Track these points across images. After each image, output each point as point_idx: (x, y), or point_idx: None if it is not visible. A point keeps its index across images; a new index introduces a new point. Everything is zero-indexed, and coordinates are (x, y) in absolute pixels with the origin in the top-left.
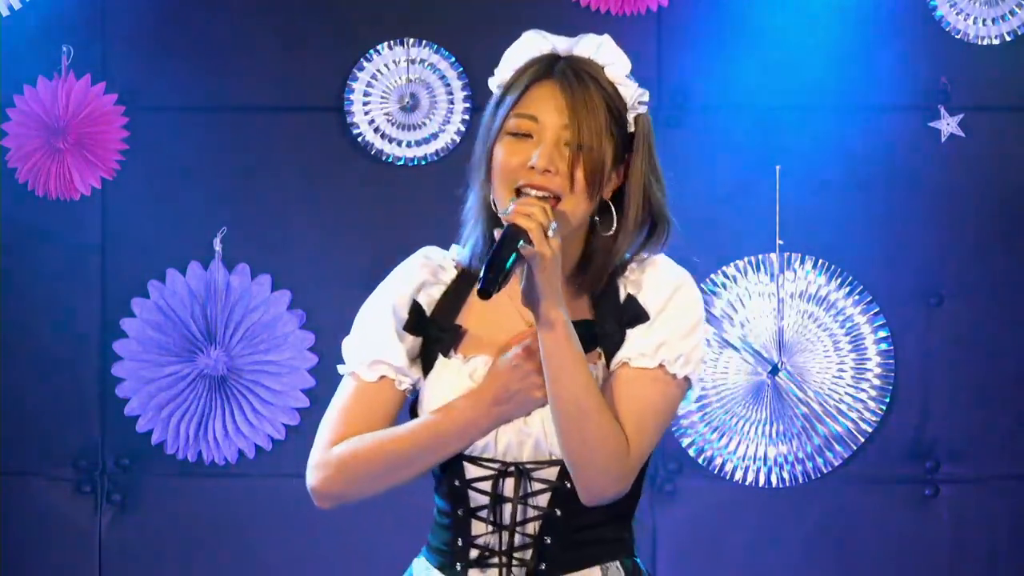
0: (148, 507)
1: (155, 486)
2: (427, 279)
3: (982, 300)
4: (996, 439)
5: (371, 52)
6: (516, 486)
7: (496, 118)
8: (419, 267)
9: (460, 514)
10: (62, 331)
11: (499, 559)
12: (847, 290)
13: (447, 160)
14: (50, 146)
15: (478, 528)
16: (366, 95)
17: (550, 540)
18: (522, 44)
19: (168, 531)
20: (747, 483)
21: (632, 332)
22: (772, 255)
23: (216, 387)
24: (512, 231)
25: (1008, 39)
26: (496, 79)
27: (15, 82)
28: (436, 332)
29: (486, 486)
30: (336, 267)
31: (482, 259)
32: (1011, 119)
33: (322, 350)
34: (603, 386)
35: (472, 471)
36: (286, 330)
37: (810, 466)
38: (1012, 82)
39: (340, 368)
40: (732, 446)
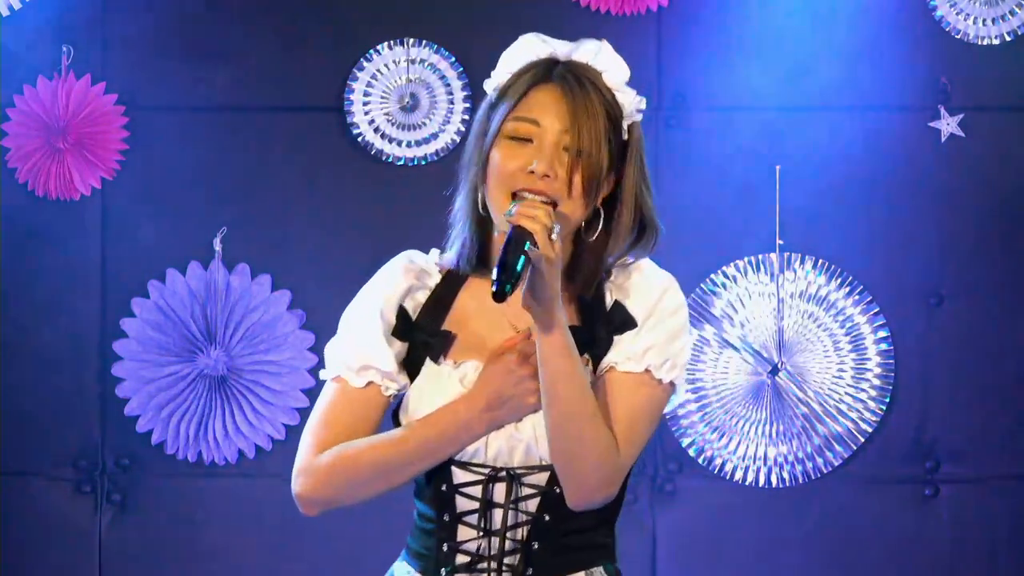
0: (148, 507)
1: (155, 486)
2: (412, 283)
3: (982, 300)
4: (996, 439)
5: (371, 52)
6: (507, 491)
7: (493, 121)
8: (403, 271)
9: (446, 519)
10: (62, 331)
11: (487, 564)
12: (847, 290)
13: (447, 160)
14: (50, 146)
15: (465, 533)
16: (366, 95)
17: (538, 545)
18: (520, 47)
19: (168, 531)
20: (747, 483)
21: (619, 337)
22: (772, 255)
23: (216, 387)
24: (517, 233)
25: (1008, 39)
26: (492, 81)
27: (15, 82)
28: (424, 337)
29: (475, 491)
30: (336, 267)
31: (470, 261)
32: (1011, 119)
33: (322, 350)
34: None
35: (460, 476)
36: (286, 330)
37: (810, 466)
38: (1012, 82)
39: (323, 373)
40: (732, 446)
